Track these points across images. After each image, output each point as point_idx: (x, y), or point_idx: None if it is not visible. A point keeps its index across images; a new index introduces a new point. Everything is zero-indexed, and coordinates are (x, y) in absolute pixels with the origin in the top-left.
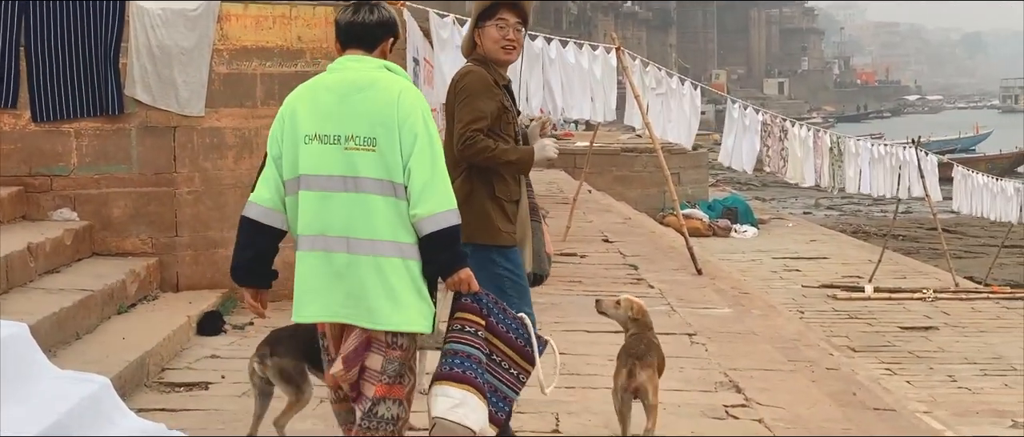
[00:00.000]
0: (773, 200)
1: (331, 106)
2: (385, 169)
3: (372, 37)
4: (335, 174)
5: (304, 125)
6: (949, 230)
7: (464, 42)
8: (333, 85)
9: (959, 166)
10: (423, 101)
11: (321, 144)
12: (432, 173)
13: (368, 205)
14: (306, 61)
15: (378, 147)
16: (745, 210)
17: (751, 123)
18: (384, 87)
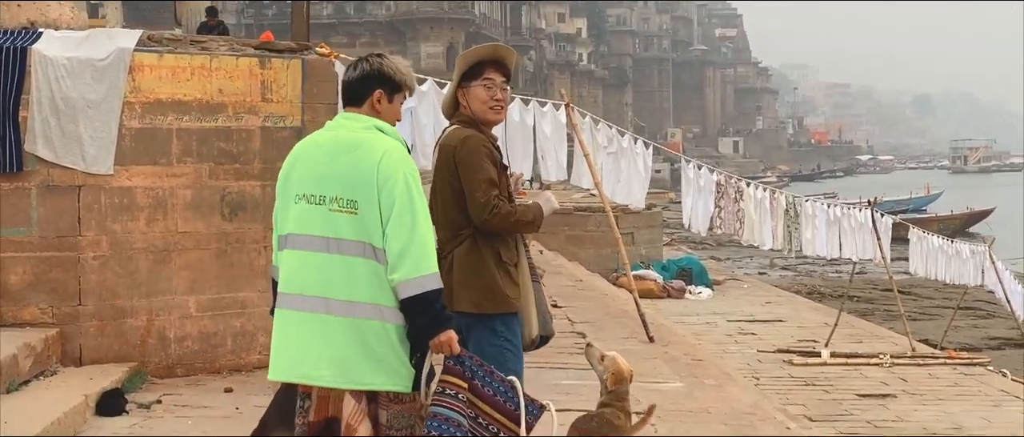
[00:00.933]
0: (729, 259)
1: (320, 166)
2: (365, 232)
3: (358, 93)
4: (317, 234)
5: (295, 183)
6: (904, 291)
7: (446, 102)
8: (325, 144)
9: (914, 228)
10: (407, 163)
11: (307, 204)
12: (410, 237)
13: (348, 267)
14: (228, 115)
15: (359, 210)
16: (700, 271)
17: (705, 183)
18: (368, 148)
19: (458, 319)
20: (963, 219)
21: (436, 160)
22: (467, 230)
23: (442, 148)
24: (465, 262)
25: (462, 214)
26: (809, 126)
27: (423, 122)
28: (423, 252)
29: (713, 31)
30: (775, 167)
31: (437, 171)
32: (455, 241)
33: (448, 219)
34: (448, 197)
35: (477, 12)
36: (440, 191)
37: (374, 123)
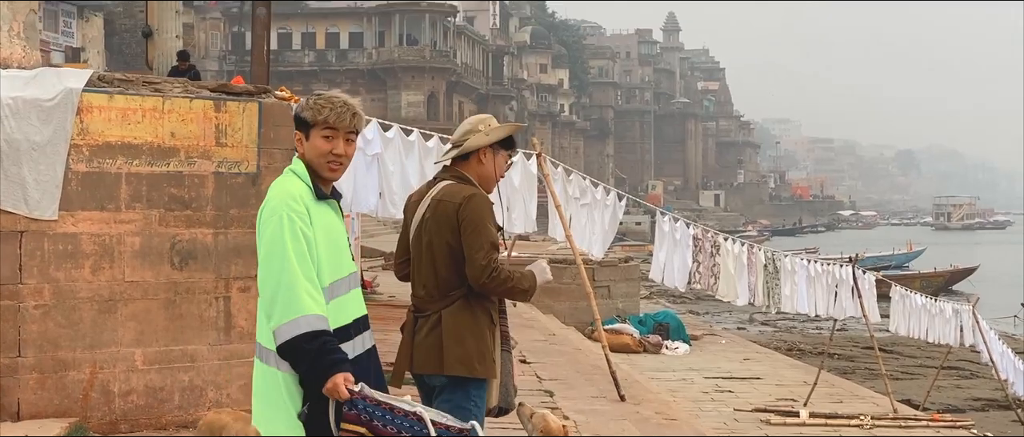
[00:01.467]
0: (707, 314)
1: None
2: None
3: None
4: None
5: None
6: (886, 350)
7: (461, 150)
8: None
9: (897, 286)
10: (287, 205)
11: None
12: (275, 285)
13: (259, 309)
14: (180, 160)
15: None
16: (677, 326)
17: (682, 237)
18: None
19: (432, 379)
20: (946, 277)
21: (426, 214)
22: (459, 291)
23: (440, 203)
24: (457, 322)
25: (455, 273)
26: (791, 180)
27: (390, 169)
28: (285, 298)
29: (695, 84)
30: (756, 221)
31: (428, 225)
32: (445, 301)
33: (438, 277)
34: (443, 255)
35: (459, 61)
36: (432, 247)
37: (289, 168)
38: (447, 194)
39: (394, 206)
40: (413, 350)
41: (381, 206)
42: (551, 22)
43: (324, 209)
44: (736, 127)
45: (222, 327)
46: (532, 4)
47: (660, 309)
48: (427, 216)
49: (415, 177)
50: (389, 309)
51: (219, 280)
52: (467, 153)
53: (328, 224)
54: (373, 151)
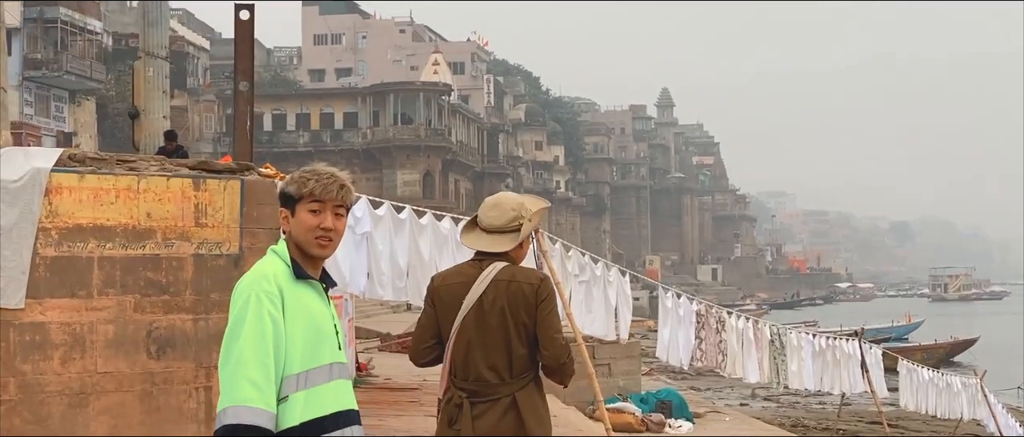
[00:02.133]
0: (709, 390)
1: None
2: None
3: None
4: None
5: None
6: (892, 424)
7: (521, 237)
8: None
9: (904, 360)
10: (257, 283)
11: None
12: (223, 367)
13: None
14: (157, 242)
15: None
16: (680, 403)
17: (685, 313)
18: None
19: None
20: (947, 348)
21: (490, 294)
22: (530, 373)
23: (511, 283)
24: (533, 404)
25: (528, 354)
26: (787, 253)
27: (379, 248)
28: (231, 382)
29: (690, 158)
30: (755, 295)
31: (496, 306)
32: (517, 382)
33: (511, 358)
34: (519, 336)
35: (454, 139)
36: (505, 328)
37: (271, 247)
38: (518, 275)
39: (382, 287)
40: (480, 435)
41: (369, 287)
42: (545, 99)
43: (304, 291)
44: (732, 201)
45: (202, 419)
46: (526, 81)
47: (662, 386)
48: (491, 297)
49: (404, 257)
50: (385, 392)
51: (200, 369)
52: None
53: (308, 307)
54: (362, 230)
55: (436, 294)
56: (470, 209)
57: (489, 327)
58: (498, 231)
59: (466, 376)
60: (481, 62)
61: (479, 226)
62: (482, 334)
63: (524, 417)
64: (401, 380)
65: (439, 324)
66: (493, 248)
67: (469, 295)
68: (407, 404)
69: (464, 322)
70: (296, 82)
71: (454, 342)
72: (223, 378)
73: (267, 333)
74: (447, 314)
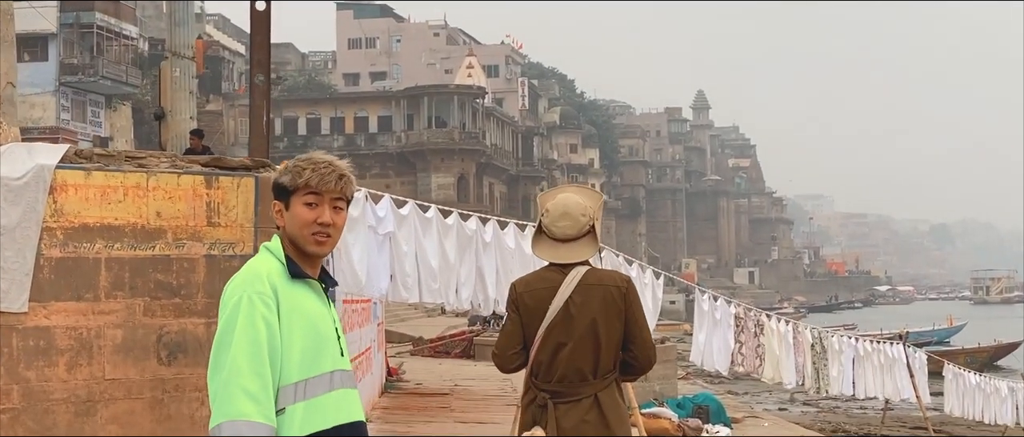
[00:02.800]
0: (747, 394)
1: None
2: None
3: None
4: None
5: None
6: (937, 430)
7: (594, 245)
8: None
9: (950, 365)
10: (249, 285)
11: None
12: (213, 380)
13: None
14: (167, 242)
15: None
16: (717, 408)
17: (722, 316)
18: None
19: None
20: (991, 352)
21: (578, 298)
22: (613, 373)
23: (599, 287)
24: (615, 403)
25: (614, 356)
26: (825, 256)
27: (404, 249)
28: (225, 394)
29: (726, 161)
30: (792, 298)
31: (585, 310)
32: (601, 382)
33: (599, 360)
34: (609, 338)
35: (488, 142)
36: (595, 331)
37: (264, 244)
38: (605, 278)
39: (407, 289)
40: (562, 434)
41: (392, 290)
42: (580, 102)
43: (301, 291)
44: (768, 203)
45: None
46: (560, 84)
47: (699, 390)
48: (579, 301)
49: (435, 258)
50: (415, 397)
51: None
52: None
53: (306, 309)
54: (385, 230)
55: (520, 300)
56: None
57: (577, 330)
58: (573, 239)
59: (550, 378)
60: (515, 65)
61: (551, 236)
62: (570, 337)
63: (607, 415)
64: (432, 385)
65: (524, 329)
66: (575, 259)
67: (555, 300)
68: (437, 410)
69: (551, 326)
70: (331, 86)
71: (540, 345)
72: (214, 390)
73: (261, 339)
74: (532, 319)
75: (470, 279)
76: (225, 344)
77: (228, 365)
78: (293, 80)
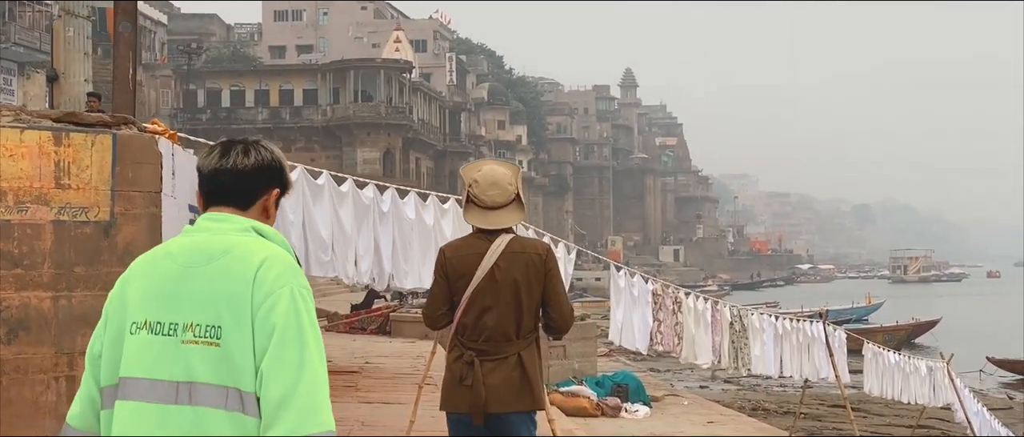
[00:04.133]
0: (668, 371)
1: (169, 281)
2: (230, 372)
3: (246, 190)
4: (163, 378)
5: (133, 308)
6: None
7: (515, 214)
8: (178, 253)
9: (869, 344)
10: (296, 276)
11: (150, 334)
12: (297, 379)
13: (203, 424)
14: (8, 205)
15: (223, 339)
16: (637, 387)
17: (640, 293)
18: (242, 256)
19: (509, 417)
20: (909, 330)
21: (502, 263)
22: (533, 334)
23: (522, 254)
24: (534, 362)
25: (533, 316)
26: (750, 235)
27: (290, 218)
28: (316, 401)
29: (653, 139)
30: (716, 276)
31: (510, 274)
32: (523, 342)
33: (521, 321)
34: (530, 300)
35: (415, 118)
36: (518, 294)
37: (251, 224)
38: (527, 246)
39: (320, 266)
40: (488, 390)
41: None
42: (508, 79)
43: None
44: (694, 182)
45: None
46: (489, 60)
47: (619, 368)
48: (504, 266)
49: (326, 228)
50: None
51: (61, 356)
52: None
53: None
54: (296, 204)
55: (448, 264)
56: (431, 187)
57: (501, 293)
58: (502, 206)
59: (476, 337)
60: (443, 40)
61: (481, 204)
62: (495, 300)
63: (528, 371)
64: (342, 363)
65: (451, 292)
66: (504, 224)
67: (482, 265)
68: (342, 389)
69: (477, 289)
70: (256, 58)
71: (466, 307)
72: (300, 391)
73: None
74: (459, 282)
75: (368, 251)
76: (297, 340)
77: (313, 365)
78: (217, 52)
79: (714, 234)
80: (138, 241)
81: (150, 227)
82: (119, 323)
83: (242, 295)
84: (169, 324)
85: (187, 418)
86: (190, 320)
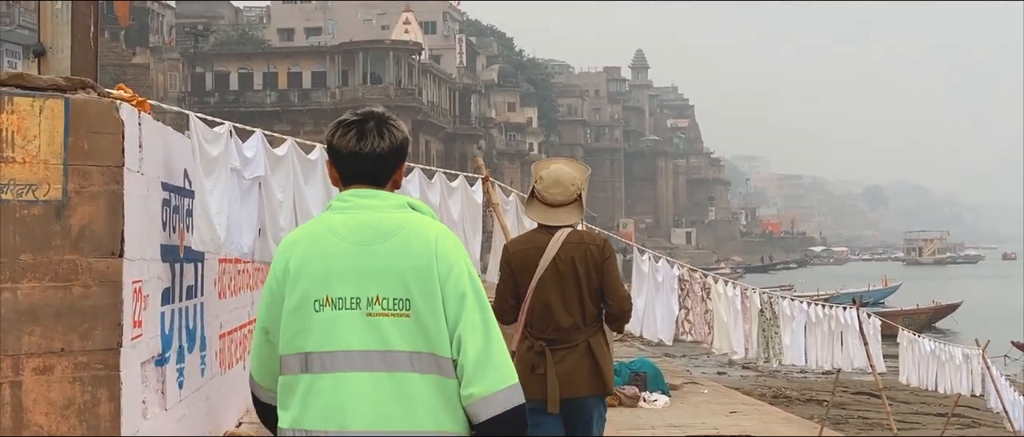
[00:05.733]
0: (684, 357)
1: (345, 258)
2: (425, 339)
3: (385, 169)
4: (355, 348)
5: (311, 283)
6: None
7: (581, 211)
8: (345, 230)
9: (905, 331)
10: (463, 249)
11: (334, 310)
12: (487, 340)
13: (404, 387)
14: None
15: (413, 311)
16: (655, 375)
17: (665, 279)
18: (416, 232)
19: (584, 401)
20: (929, 313)
21: (563, 255)
22: (598, 321)
23: (580, 245)
24: (602, 348)
25: (596, 304)
26: (762, 217)
27: (277, 198)
28: (504, 358)
29: (665, 121)
30: (729, 258)
31: (572, 266)
32: (590, 330)
33: (585, 310)
34: (592, 290)
35: (425, 100)
36: (579, 284)
37: (405, 200)
38: (586, 238)
39: (276, 243)
40: (561, 377)
41: (261, 247)
42: (519, 60)
43: None
44: (706, 164)
45: (8, 427)
46: (499, 42)
47: (637, 355)
48: (565, 257)
49: (318, 208)
50: None
51: (3, 358)
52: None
53: None
54: (253, 174)
55: (512, 259)
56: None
57: (565, 284)
58: (562, 205)
59: (545, 327)
60: (453, 22)
61: (543, 201)
62: (559, 290)
63: (597, 357)
64: None
65: (517, 285)
66: (562, 222)
67: (543, 258)
68: None
69: (541, 281)
70: (264, 41)
71: (532, 299)
72: (492, 351)
73: None
74: (523, 276)
75: None
76: (480, 306)
77: (496, 328)
78: (226, 35)
79: (726, 216)
80: (96, 224)
81: (110, 207)
82: (297, 298)
83: (427, 269)
84: (351, 299)
85: (387, 384)
86: (375, 294)
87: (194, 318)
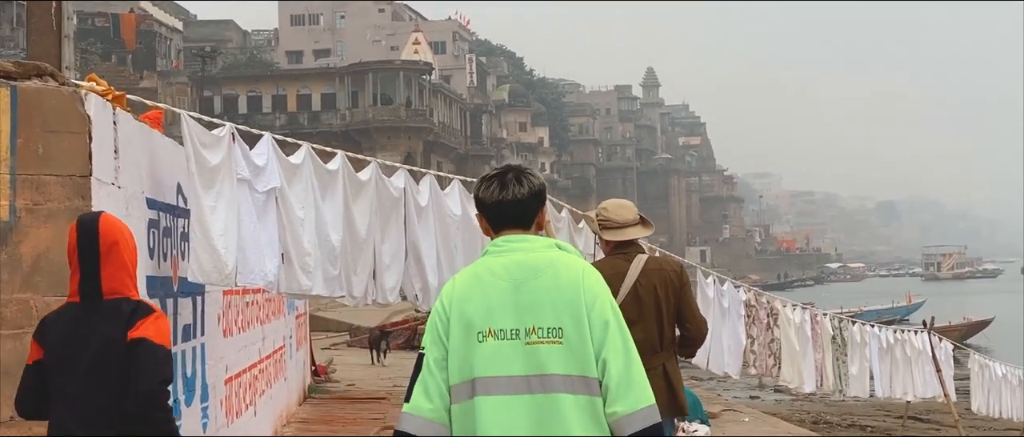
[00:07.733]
0: (712, 379)
1: (504, 295)
2: (576, 363)
3: (530, 213)
4: (517, 374)
5: (475, 318)
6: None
7: (645, 226)
8: (501, 270)
9: (976, 355)
10: (604, 282)
11: (497, 340)
12: (628, 363)
13: (558, 407)
14: None
15: (565, 338)
16: (694, 403)
17: (731, 304)
18: (564, 268)
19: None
20: (963, 330)
21: (643, 281)
22: (673, 345)
23: (660, 271)
24: (676, 371)
25: (672, 329)
26: (776, 234)
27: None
28: (643, 380)
29: (677, 139)
30: (745, 276)
31: (651, 291)
32: (666, 353)
33: (663, 333)
34: (670, 314)
35: (436, 120)
36: (659, 308)
37: (553, 241)
38: (663, 264)
39: (307, 275)
40: None
41: (286, 275)
42: (529, 80)
43: None
44: (719, 182)
45: None
46: (509, 62)
47: None
48: (646, 282)
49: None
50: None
51: None
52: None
53: None
54: (267, 185)
55: None
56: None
57: (645, 308)
58: (631, 225)
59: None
60: (463, 42)
61: (612, 225)
62: (639, 315)
63: (672, 380)
64: (367, 386)
65: None
66: (635, 236)
67: (624, 284)
68: (366, 422)
69: (622, 305)
70: (273, 63)
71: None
72: (632, 373)
73: None
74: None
75: (398, 260)
76: (621, 332)
77: (632, 352)
78: (234, 58)
79: (740, 234)
80: (54, 252)
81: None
82: (462, 331)
83: (576, 301)
84: (511, 330)
85: (544, 404)
86: (532, 324)
87: (193, 363)
